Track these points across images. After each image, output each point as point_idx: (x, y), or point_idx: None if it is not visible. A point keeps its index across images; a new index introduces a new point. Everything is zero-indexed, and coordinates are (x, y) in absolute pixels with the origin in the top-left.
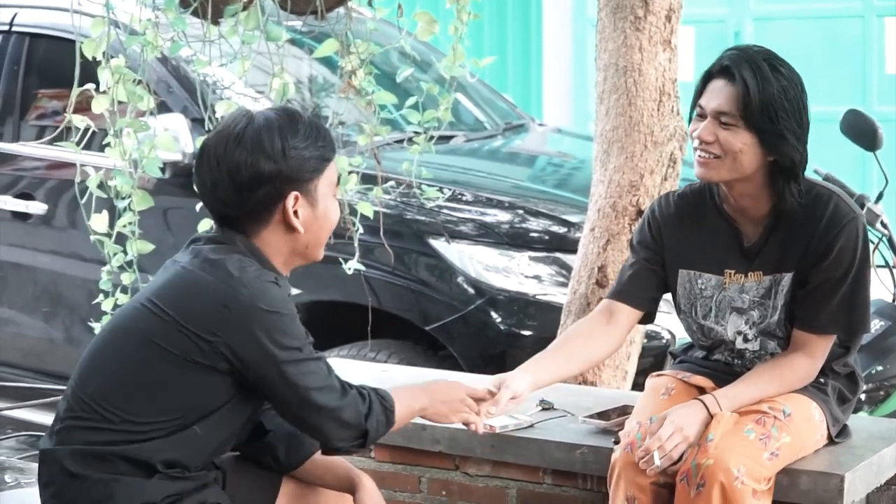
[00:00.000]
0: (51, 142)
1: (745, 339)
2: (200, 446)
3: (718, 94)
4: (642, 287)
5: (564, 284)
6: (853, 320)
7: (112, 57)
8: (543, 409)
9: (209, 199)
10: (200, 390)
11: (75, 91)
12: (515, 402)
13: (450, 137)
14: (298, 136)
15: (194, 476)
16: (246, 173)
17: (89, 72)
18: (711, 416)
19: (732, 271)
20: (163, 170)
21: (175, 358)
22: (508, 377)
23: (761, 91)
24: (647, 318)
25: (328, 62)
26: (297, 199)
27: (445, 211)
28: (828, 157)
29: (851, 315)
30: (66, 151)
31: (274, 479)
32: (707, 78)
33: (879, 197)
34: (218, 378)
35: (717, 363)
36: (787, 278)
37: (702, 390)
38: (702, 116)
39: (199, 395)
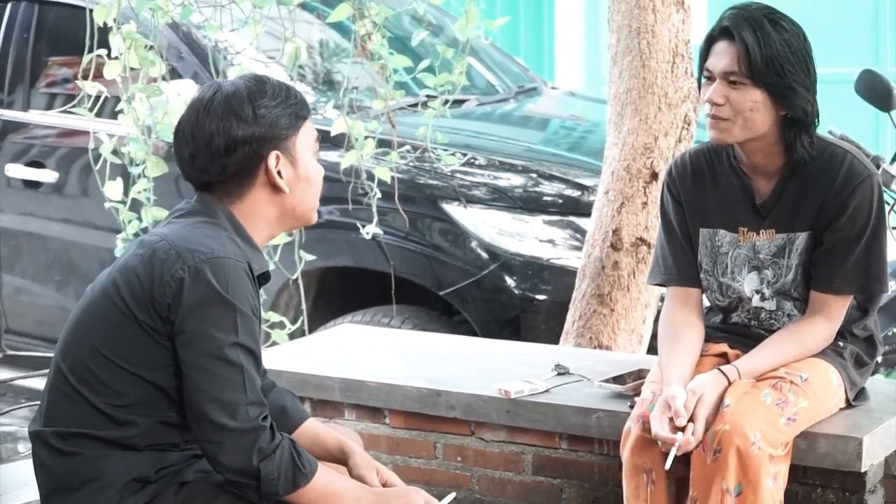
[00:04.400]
0: (63, 110)
1: (763, 298)
2: (181, 426)
3: (723, 56)
4: (691, 263)
5: (579, 248)
6: (869, 279)
7: (123, 23)
8: (559, 374)
9: (190, 171)
10: (158, 359)
11: (87, 57)
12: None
13: (462, 101)
14: (266, 96)
15: (185, 447)
16: (220, 140)
17: (98, 39)
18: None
19: (745, 228)
20: None
21: (136, 325)
22: (673, 395)
23: (764, 47)
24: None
25: (339, 27)
26: (278, 158)
27: (458, 175)
28: (841, 117)
29: (867, 274)
30: (77, 119)
31: None
32: (710, 41)
33: (895, 158)
34: (167, 350)
35: (735, 326)
36: (801, 238)
37: (721, 356)
38: (710, 79)
39: (158, 364)
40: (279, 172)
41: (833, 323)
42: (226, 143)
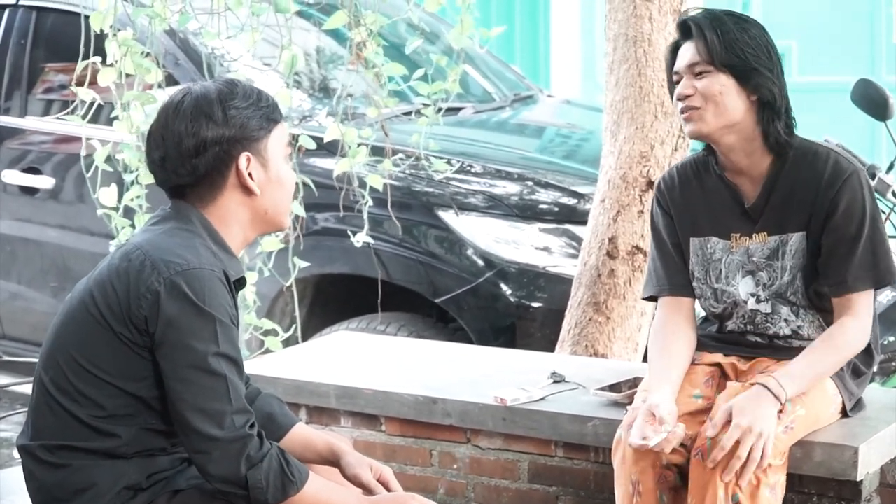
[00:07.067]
0: (58, 116)
1: (758, 301)
2: (166, 432)
3: (685, 53)
4: (681, 272)
5: (574, 256)
6: (880, 271)
7: (119, 30)
8: (555, 382)
9: (161, 174)
10: (137, 370)
11: (81, 64)
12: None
13: (458, 109)
14: (237, 98)
15: (172, 451)
16: (190, 141)
17: (95, 45)
18: (783, 405)
19: (738, 234)
20: None
21: (113, 337)
22: (656, 402)
23: (723, 35)
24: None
25: (336, 34)
26: (249, 160)
27: (454, 183)
28: (837, 127)
29: (877, 266)
30: (73, 125)
31: None
32: (674, 49)
33: (890, 167)
34: (146, 361)
35: (731, 335)
36: (794, 238)
37: (716, 366)
38: (679, 80)
39: (138, 375)
40: (250, 174)
41: (861, 319)
42: (195, 144)
